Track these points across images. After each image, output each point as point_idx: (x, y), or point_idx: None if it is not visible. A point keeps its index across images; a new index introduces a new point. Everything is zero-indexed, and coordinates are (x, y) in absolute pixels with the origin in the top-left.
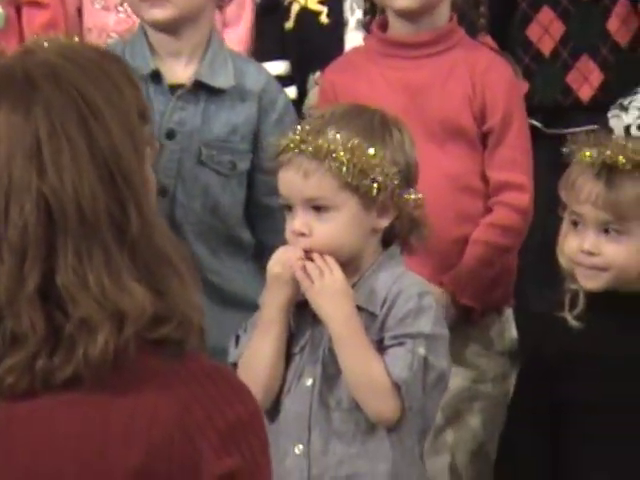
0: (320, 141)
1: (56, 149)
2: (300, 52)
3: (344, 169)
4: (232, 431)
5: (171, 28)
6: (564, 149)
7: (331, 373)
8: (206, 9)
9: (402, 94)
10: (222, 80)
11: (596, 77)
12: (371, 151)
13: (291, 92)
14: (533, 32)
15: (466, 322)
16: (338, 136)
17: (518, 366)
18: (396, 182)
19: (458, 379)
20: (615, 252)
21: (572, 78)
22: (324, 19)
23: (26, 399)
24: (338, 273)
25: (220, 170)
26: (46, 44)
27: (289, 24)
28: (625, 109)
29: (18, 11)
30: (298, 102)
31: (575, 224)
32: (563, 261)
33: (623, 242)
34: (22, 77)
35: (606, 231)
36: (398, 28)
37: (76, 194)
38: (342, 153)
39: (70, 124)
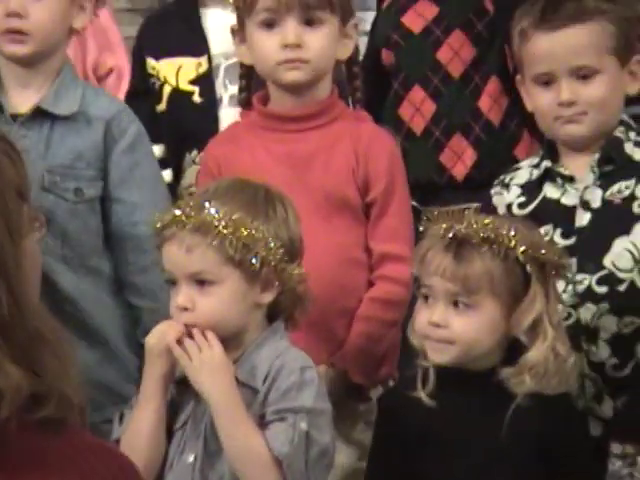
0: (202, 215)
1: None
2: (174, 133)
3: (227, 243)
4: None
5: (27, 62)
6: (420, 226)
7: (213, 449)
8: (61, 43)
9: (286, 166)
10: (64, 106)
11: (469, 155)
12: (254, 226)
13: (167, 175)
14: (405, 111)
15: (356, 399)
16: (220, 210)
17: None
18: (279, 257)
19: (342, 456)
20: (463, 326)
21: (445, 157)
22: (197, 98)
23: None
24: (217, 348)
25: (66, 196)
26: None
27: (161, 106)
28: (507, 186)
29: None
30: (174, 184)
31: (426, 298)
32: (414, 337)
33: (471, 316)
34: None
35: (455, 304)
36: (280, 101)
37: None
38: (224, 227)
39: None
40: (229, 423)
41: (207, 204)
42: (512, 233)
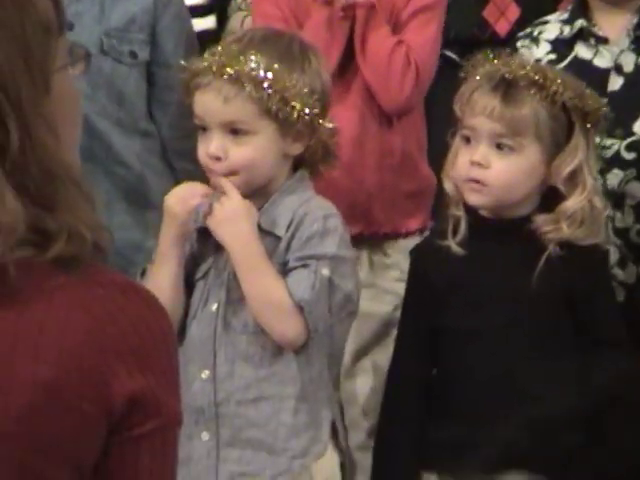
0: (242, 66)
1: None
2: None
3: (265, 95)
4: (145, 349)
5: None
6: (461, 72)
7: (236, 297)
8: None
9: None
10: None
11: (512, 11)
12: (293, 79)
13: (210, 21)
14: None
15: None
16: (260, 61)
17: None
18: (314, 111)
19: (379, 304)
20: (503, 168)
21: (489, 12)
22: None
23: None
24: (236, 198)
25: (122, 60)
26: None
27: None
28: (535, 41)
29: None
30: (218, 30)
31: (467, 140)
32: (448, 184)
33: (513, 159)
34: None
35: (498, 147)
36: None
37: None
38: (264, 79)
39: None
40: (249, 271)
41: (247, 54)
42: (559, 79)
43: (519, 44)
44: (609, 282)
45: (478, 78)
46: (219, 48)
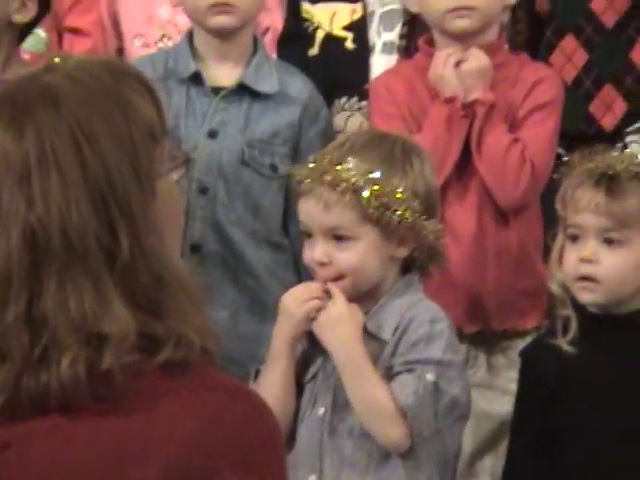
0: (341, 173)
1: (45, 176)
2: (324, 78)
3: (365, 202)
4: (253, 451)
5: (230, 33)
6: (555, 174)
7: (342, 401)
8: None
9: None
10: (266, 85)
11: (619, 106)
12: (393, 184)
13: None
14: (556, 60)
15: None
16: (359, 167)
17: None
18: (417, 214)
19: (497, 405)
20: (613, 262)
21: (595, 107)
22: (349, 44)
23: (19, 422)
24: (341, 303)
25: (262, 171)
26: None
27: (313, 50)
28: None
29: (60, 37)
30: None
31: (574, 238)
32: (555, 285)
33: (622, 252)
34: (21, 99)
35: (606, 241)
36: (445, 46)
37: (63, 223)
38: (363, 186)
39: (62, 150)
40: (353, 376)
41: (346, 160)
42: None
43: (629, 139)
44: None
45: (577, 175)
46: (322, 154)
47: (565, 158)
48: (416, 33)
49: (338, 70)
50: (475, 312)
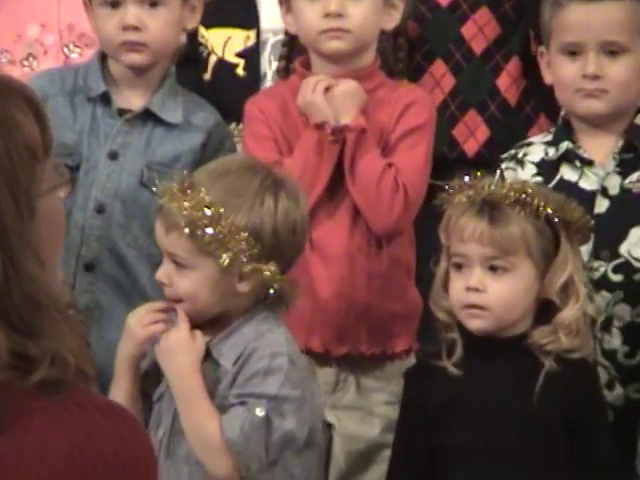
0: (184, 201)
1: None
2: (216, 103)
3: (199, 234)
4: (126, 471)
5: (142, 69)
6: (435, 201)
7: (180, 427)
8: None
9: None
10: (171, 115)
11: (482, 132)
12: (233, 221)
13: None
14: (426, 84)
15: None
16: (204, 198)
17: None
18: (252, 254)
19: (366, 427)
20: (500, 290)
21: (458, 131)
22: (241, 71)
23: None
24: (183, 329)
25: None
26: None
27: (207, 75)
28: (520, 163)
29: None
30: None
31: (459, 267)
32: (439, 311)
33: (508, 280)
34: None
35: (491, 269)
36: (321, 69)
37: None
38: (202, 218)
39: None
40: (186, 405)
41: (198, 187)
42: (540, 194)
43: (504, 166)
44: (603, 400)
45: (459, 204)
46: (183, 177)
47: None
48: (295, 54)
49: (229, 96)
50: (344, 334)
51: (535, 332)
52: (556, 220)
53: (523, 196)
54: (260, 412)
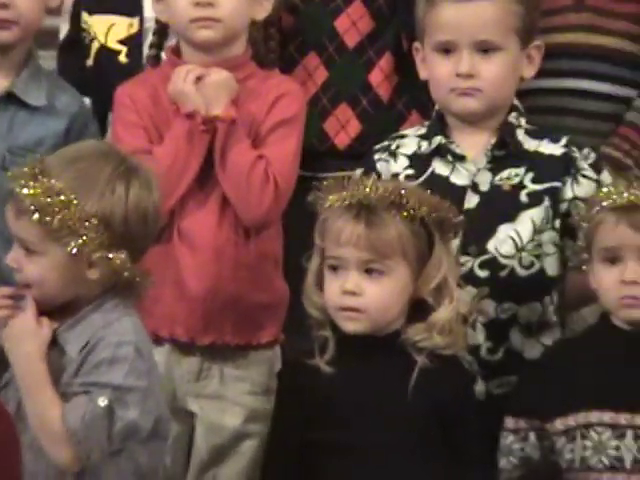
0: (36, 186)
1: None
2: (99, 90)
3: (48, 220)
4: None
5: (5, 46)
6: (309, 197)
7: (25, 413)
8: (32, 32)
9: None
10: (34, 98)
11: (353, 126)
12: (79, 207)
13: None
14: (298, 76)
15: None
16: (53, 184)
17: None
18: (100, 242)
19: (228, 417)
20: (376, 293)
21: (329, 125)
22: (123, 58)
23: None
24: (29, 315)
25: None
26: None
27: (89, 61)
28: (393, 155)
29: None
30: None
31: (334, 268)
32: (312, 309)
33: (384, 282)
34: None
35: (367, 271)
36: (191, 58)
37: None
38: (51, 205)
39: None
40: (28, 392)
41: (48, 172)
42: (414, 196)
43: (376, 157)
44: (474, 397)
45: (335, 206)
46: (38, 160)
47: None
48: (166, 43)
49: (111, 83)
50: (209, 324)
51: (409, 329)
52: (430, 221)
53: (398, 199)
54: (102, 402)
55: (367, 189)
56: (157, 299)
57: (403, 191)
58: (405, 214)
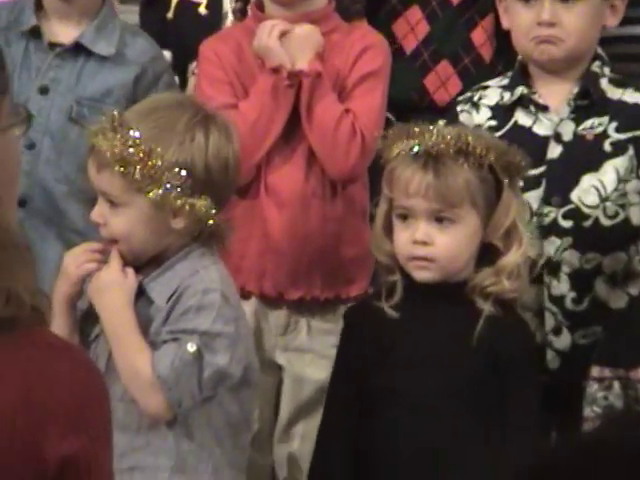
0: (113, 138)
1: None
2: (179, 42)
3: (130, 171)
4: (80, 410)
5: None
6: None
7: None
8: None
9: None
10: (104, 48)
11: (453, 84)
12: (163, 156)
13: None
14: (399, 28)
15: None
16: (134, 134)
17: None
18: (187, 190)
19: (316, 370)
20: (446, 241)
21: (430, 80)
22: (202, 10)
23: None
24: (115, 268)
25: None
26: None
27: (169, 14)
28: (476, 106)
29: None
30: (181, 91)
31: (404, 218)
32: (381, 255)
33: (454, 231)
34: None
35: (437, 220)
36: (274, 12)
37: None
38: (133, 155)
39: None
40: (117, 343)
41: (128, 125)
42: (481, 142)
43: (459, 108)
44: (534, 354)
45: (402, 154)
46: (116, 114)
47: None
48: None
49: (191, 35)
50: (298, 279)
51: (477, 275)
52: (498, 167)
53: (465, 146)
54: (191, 347)
55: (433, 137)
56: (244, 254)
57: (470, 138)
58: (473, 161)
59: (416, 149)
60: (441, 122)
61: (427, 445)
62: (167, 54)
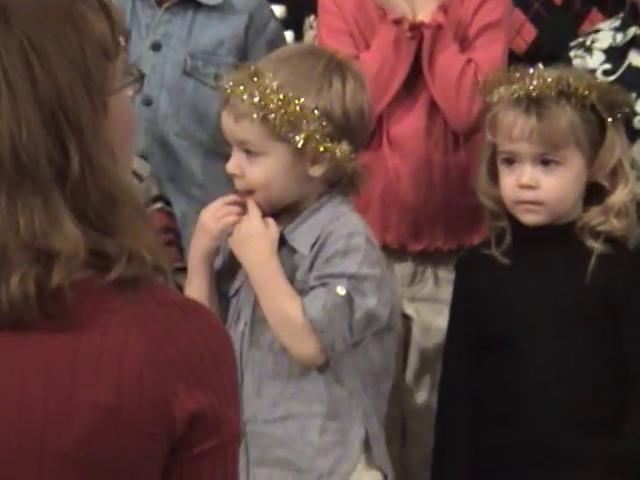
0: (252, 86)
1: None
2: None
3: (271, 118)
4: (205, 365)
5: None
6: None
7: (262, 315)
8: None
9: None
10: None
11: (528, 31)
12: (303, 103)
13: (288, 36)
14: None
15: None
16: (272, 82)
17: None
18: (327, 136)
19: (443, 319)
20: (553, 184)
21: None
22: None
23: None
24: (255, 218)
25: (206, 82)
26: None
27: None
28: (589, 50)
29: None
30: None
31: (509, 162)
32: (487, 201)
33: (559, 173)
34: None
35: (542, 163)
36: None
37: (13, 142)
38: (272, 102)
39: (12, 67)
40: (265, 291)
41: (263, 74)
42: (583, 82)
43: (572, 54)
44: None
45: (503, 99)
46: (248, 64)
47: None
48: None
49: None
50: (421, 230)
51: (586, 215)
52: (601, 106)
53: (567, 87)
54: (341, 290)
55: (534, 81)
56: (367, 205)
57: (571, 79)
58: (575, 102)
59: (518, 93)
60: (540, 65)
61: (545, 390)
62: (281, 9)
